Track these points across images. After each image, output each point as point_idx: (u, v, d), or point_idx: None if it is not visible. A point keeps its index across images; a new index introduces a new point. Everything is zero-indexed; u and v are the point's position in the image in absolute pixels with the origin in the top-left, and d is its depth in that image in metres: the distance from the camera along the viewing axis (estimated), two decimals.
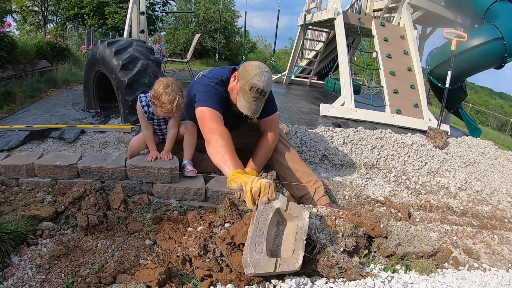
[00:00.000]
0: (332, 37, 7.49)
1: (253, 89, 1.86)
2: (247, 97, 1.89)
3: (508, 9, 4.77)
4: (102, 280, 1.35)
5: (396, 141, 3.16)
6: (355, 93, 5.16)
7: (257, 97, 1.88)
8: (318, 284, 1.35)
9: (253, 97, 1.88)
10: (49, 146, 2.83)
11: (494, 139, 12.12)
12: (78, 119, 3.71)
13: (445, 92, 3.84)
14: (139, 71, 3.19)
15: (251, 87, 1.86)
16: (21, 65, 6.12)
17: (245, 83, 1.88)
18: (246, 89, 1.87)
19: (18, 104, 4.76)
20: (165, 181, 2.06)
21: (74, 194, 1.83)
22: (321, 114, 4.44)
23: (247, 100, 1.90)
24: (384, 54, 4.95)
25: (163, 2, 23.35)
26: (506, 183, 3.17)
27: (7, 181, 2.09)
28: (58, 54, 7.49)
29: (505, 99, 49.05)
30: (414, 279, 1.49)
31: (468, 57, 4.66)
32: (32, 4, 23.31)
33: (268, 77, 1.90)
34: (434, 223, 2.46)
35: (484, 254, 2.15)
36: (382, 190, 2.72)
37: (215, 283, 1.35)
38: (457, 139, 3.59)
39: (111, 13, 21.53)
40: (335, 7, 5.33)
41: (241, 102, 1.92)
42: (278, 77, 8.16)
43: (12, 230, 1.53)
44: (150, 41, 7.25)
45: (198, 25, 22.36)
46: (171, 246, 1.63)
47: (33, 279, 1.38)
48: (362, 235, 1.69)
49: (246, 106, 1.91)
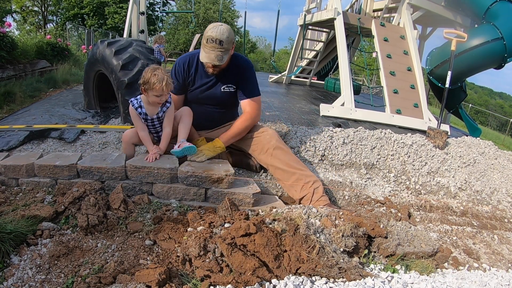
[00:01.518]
0: (332, 37, 7.49)
1: (208, 40, 2.11)
2: (206, 49, 2.14)
3: (508, 9, 4.76)
4: (102, 280, 1.35)
5: (396, 141, 3.16)
6: (355, 93, 5.16)
7: (214, 46, 2.11)
8: (318, 284, 1.35)
9: (210, 47, 2.12)
10: (49, 146, 2.83)
11: (494, 139, 12.12)
12: (78, 119, 3.71)
13: (445, 92, 3.84)
14: (139, 71, 3.19)
15: (207, 39, 2.12)
16: (21, 65, 6.12)
17: (204, 39, 2.15)
18: (205, 42, 2.14)
19: (18, 104, 4.76)
20: (165, 181, 2.06)
21: (74, 194, 1.83)
22: (321, 114, 4.44)
23: (206, 51, 2.15)
24: (384, 54, 4.95)
25: (163, 2, 23.32)
26: (506, 183, 3.17)
27: (7, 181, 2.09)
28: (58, 54, 7.49)
29: (505, 99, 49.07)
30: (414, 279, 1.49)
31: (468, 57, 4.66)
32: (32, 4, 23.29)
33: (222, 29, 2.13)
34: (434, 223, 2.46)
35: (484, 254, 2.15)
36: (382, 190, 2.72)
37: (214, 284, 1.35)
38: (457, 139, 3.59)
39: (111, 13, 21.51)
40: (335, 7, 5.33)
41: (202, 54, 2.19)
42: (278, 77, 8.15)
43: (12, 230, 1.53)
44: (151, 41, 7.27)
45: (198, 25, 22.34)
46: (171, 246, 1.63)
47: (33, 279, 1.38)
48: (362, 235, 1.69)
49: (206, 56, 2.16)
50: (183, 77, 2.35)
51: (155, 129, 2.33)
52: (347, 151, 2.94)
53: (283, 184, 2.37)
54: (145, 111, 2.21)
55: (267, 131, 2.42)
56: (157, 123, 2.30)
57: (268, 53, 33.06)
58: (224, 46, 2.12)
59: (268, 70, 23.60)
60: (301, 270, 1.42)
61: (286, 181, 2.31)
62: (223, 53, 2.14)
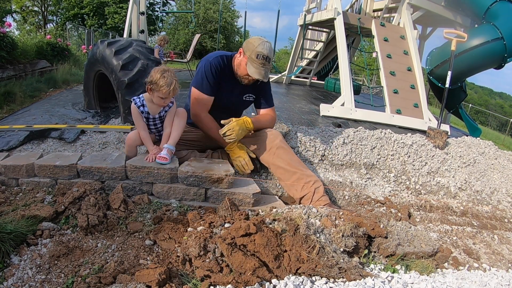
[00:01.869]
0: (332, 37, 7.49)
1: (259, 56, 2.15)
2: (255, 64, 2.18)
3: (508, 9, 4.77)
4: (102, 280, 1.35)
5: (396, 141, 3.16)
6: (355, 93, 5.17)
7: (264, 63, 2.17)
8: (318, 284, 1.35)
9: (260, 63, 2.17)
10: (49, 146, 2.83)
11: (494, 139, 12.12)
12: (78, 119, 3.71)
13: (445, 92, 3.84)
14: (139, 71, 3.19)
15: (257, 55, 2.15)
16: (21, 65, 6.12)
17: (251, 53, 2.17)
18: (253, 57, 2.16)
19: (18, 104, 4.76)
20: (165, 181, 2.06)
21: (74, 194, 1.83)
22: (321, 114, 4.44)
23: (255, 67, 2.18)
24: (384, 54, 4.95)
25: (163, 2, 23.32)
26: (506, 183, 3.17)
27: (7, 181, 2.09)
28: (58, 54, 7.49)
29: (505, 99, 49.05)
30: (414, 279, 1.49)
31: (468, 57, 4.66)
32: (32, 4, 23.30)
33: (269, 46, 2.20)
34: (434, 223, 2.46)
35: (484, 254, 2.15)
36: (382, 190, 2.72)
37: (214, 284, 1.35)
38: (457, 139, 3.59)
39: (111, 13, 21.51)
40: (335, 7, 5.34)
41: (251, 69, 2.20)
42: (278, 77, 8.15)
43: (12, 230, 1.53)
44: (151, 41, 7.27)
45: (198, 25, 22.36)
46: (171, 246, 1.63)
47: (33, 279, 1.38)
48: (362, 235, 1.69)
49: (256, 72, 2.19)
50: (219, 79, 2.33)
51: (156, 128, 2.33)
52: (347, 151, 2.94)
53: (283, 183, 2.37)
54: (147, 109, 2.21)
55: (271, 131, 2.45)
56: (159, 122, 2.29)
57: None
58: (270, 63, 2.22)
59: None
60: (301, 270, 1.42)
61: (287, 180, 2.31)
62: (269, 69, 2.24)
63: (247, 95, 2.46)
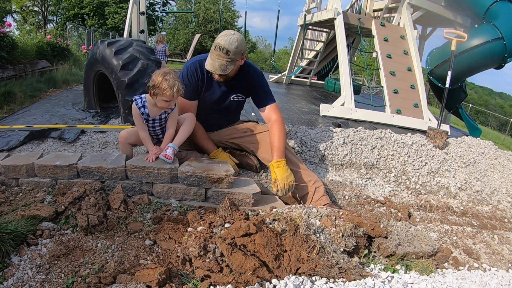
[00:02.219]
0: (332, 37, 7.49)
1: (216, 47, 2.05)
2: (212, 56, 2.09)
3: (508, 9, 4.77)
4: (102, 280, 1.35)
5: (396, 141, 3.16)
6: (355, 93, 5.16)
7: (220, 54, 2.04)
8: (318, 284, 1.35)
9: (216, 55, 2.05)
10: (49, 146, 2.83)
11: (494, 139, 12.12)
12: (78, 119, 3.71)
13: (445, 92, 3.84)
14: (139, 71, 3.19)
15: (215, 46, 2.06)
16: (21, 65, 6.12)
17: (213, 44, 2.08)
18: (212, 49, 2.08)
19: (18, 104, 4.76)
20: (165, 181, 2.06)
21: (74, 194, 1.83)
22: (321, 114, 4.44)
23: (212, 58, 2.09)
24: (384, 54, 4.95)
25: (163, 2, 23.32)
26: (506, 183, 3.17)
27: (7, 181, 2.09)
28: (58, 54, 7.49)
29: (505, 99, 49.06)
30: (414, 279, 1.49)
31: (468, 57, 4.66)
32: (32, 4, 23.31)
33: (232, 39, 2.04)
34: (434, 223, 2.46)
35: (484, 254, 2.15)
36: (382, 190, 2.72)
37: (214, 284, 1.35)
38: (457, 139, 3.59)
39: (111, 13, 21.51)
40: (335, 7, 5.34)
41: (207, 61, 2.13)
42: (278, 77, 8.16)
43: (12, 230, 1.53)
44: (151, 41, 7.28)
45: (198, 25, 22.36)
46: (171, 246, 1.63)
47: (33, 279, 1.38)
48: (362, 235, 1.69)
49: (209, 63, 2.11)
50: (196, 82, 2.27)
51: (154, 132, 2.30)
52: (347, 151, 2.94)
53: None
54: (147, 111, 2.18)
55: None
56: (157, 125, 2.27)
57: (268, 53, 33.06)
58: (230, 56, 2.05)
59: (268, 70, 23.61)
60: (301, 270, 1.42)
61: None
62: (229, 63, 2.07)
63: (235, 95, 2.37)
